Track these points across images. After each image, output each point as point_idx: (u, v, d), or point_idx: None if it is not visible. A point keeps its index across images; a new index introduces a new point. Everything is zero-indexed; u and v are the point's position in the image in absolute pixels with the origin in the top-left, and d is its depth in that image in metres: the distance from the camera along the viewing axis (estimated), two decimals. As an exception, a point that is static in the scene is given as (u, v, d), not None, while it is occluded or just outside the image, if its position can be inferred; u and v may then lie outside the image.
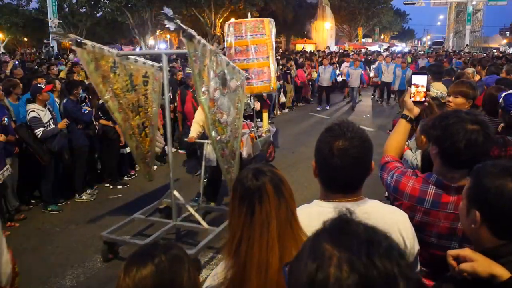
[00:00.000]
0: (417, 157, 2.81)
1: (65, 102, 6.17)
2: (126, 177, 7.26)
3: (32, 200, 6.13)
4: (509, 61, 13.83)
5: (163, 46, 35.84)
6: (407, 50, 39.41)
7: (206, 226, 4.55)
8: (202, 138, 5.37)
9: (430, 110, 2.43)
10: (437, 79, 4.89)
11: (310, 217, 1.50)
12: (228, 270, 1.38)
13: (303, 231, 1.39)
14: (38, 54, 24.09)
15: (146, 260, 1.28)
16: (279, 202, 1.38)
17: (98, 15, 34.63)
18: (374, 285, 0.66)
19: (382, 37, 58.42)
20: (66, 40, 4.45)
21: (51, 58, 19.35)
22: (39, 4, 33.58)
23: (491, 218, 1.30)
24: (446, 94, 3.71)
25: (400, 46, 54.25)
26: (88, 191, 6.41)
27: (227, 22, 7.22)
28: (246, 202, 1.38)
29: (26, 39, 37.96)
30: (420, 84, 2.05)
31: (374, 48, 38.92)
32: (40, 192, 6.09)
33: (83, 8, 32.61)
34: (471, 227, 1.35)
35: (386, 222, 1.52)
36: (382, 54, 21.66)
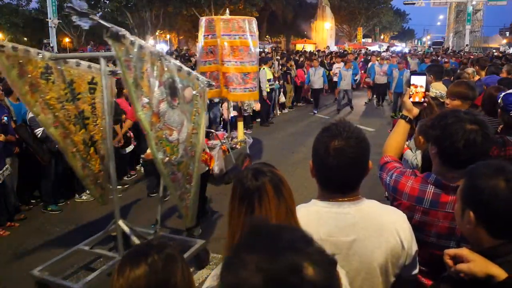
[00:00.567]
0: (417, 157, 2.82)
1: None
2: (126, 177, 7.24)
3: (32, 200, 6.13)
4: (509, 61, 13.81)
5: (163, 46, 35.83)
6: (407, 50, 39.44)
7: None
8: None
9: (430, 110, 2.44)
10: (437, 79, 4.92)
11: (308, 216, 1.51)
12: (228, 270, 1.38)
13: (302, 231, 1.39)
14: (38, 54, 24.08)
15: (139, 260, 1.27)
16: (279, 202, 1.38)
17: (98, 15, 34.52)
18: (280, 277, 0.72)
19: (382, 37, 58.47)
20: None
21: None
22: (39, 4, 33.56)
23: (487, 219, 1.30)
24: (445, 94, 3.72)
25: (400, 46, 54.27)
26: (88, 191, 6.41)
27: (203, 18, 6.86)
28: (246, 202, 1.38)
29: (26, 39, 37.94)
30: (419, 84, 2.06)
31: (374, 48, 38.94)
32: (40, 192, 6.09)
33: (83, 8, 32.58)
34: (467, 228, 1.36)
35: (383, 222, 1.52)
36: (374, 55, 20.50)
